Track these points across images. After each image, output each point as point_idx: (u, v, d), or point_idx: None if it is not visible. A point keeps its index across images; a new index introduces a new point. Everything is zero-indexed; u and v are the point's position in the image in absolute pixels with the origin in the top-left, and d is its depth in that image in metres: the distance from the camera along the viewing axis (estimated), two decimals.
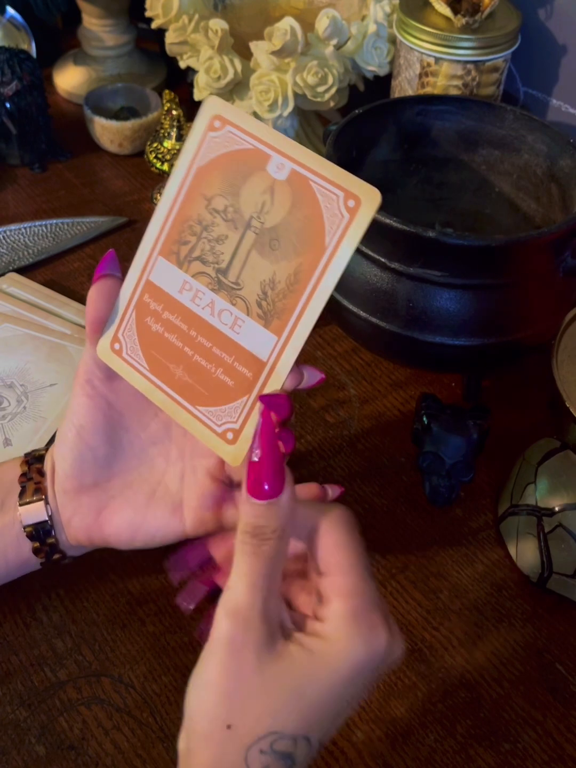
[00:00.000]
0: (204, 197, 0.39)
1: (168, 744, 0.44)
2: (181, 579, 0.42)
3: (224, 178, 0.39)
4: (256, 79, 0.72)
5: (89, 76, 0.95)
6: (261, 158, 0.38)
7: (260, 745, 0.32)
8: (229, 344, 0.40)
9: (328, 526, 0.35)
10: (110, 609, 0.50)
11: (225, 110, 0.38)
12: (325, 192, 0.36)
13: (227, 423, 0.40)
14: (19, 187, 0.83)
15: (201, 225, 0.40)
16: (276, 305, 0.38)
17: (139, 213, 0.80)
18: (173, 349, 0.41)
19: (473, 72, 0.69)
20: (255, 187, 0.38)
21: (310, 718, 0.33)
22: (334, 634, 0.33)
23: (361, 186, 0.35)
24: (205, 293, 0.40)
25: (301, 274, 0.37)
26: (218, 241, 0.39)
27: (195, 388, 0.41)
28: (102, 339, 0.43)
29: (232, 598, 0.33)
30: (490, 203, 0.68)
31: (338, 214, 0.36)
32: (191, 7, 0.75)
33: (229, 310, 0.40)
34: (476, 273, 0.53)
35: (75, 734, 0.44)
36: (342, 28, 0.71)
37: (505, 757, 0.45)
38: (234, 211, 0.38)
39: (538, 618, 0.51)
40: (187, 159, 0.40)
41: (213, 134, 0.39)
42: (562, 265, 0.56)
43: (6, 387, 0.61)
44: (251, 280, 0.39)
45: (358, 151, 0.65)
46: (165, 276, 0.41)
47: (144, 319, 0.42)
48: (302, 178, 0.37)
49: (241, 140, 0.38)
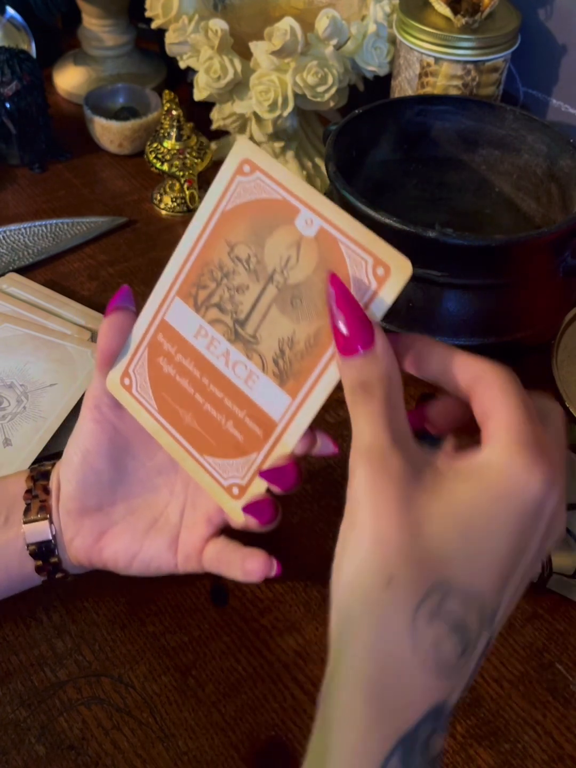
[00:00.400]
0: (227, 243, 0.38)
1: (168, 744, 0.44)
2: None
3: (250, 227, 0.37)
4: (255, 79, 0.72)
5: (89, 76, 0.95)
6: (290, 211, 0.36)
7: (428, 605, 0.28)
8: (242, 398, 0.39)
9: (492, 374, 0.32)
10: (110, 609, 0.50)
11: (256, 155, 0.37)
12: (353, 255, 0.34)
13: (234, 478, 0.39)
14: (19, 187, 0.83)
15: (222, 271, 0.38)
16: (293, 365, 0.37)
17: (139, 213, 0.80)
18: (184, 394, 0.41)
19: (473, 72, 0.69)
20: (281, 240, 0.36)
21: (480, 569, 0.28)
22: (495, 459, 0.29)
23: (392, 254, 0.33)
24: (221, 342, 0.39)
25: (321, 338, 0.36)
26: (238, 290, 0.38)
27: (203, 437, 0.40)
28: (112, 371, 0.42)
29: (360, 444, 0.31)
30: (490, 203, 0.68)
31: (365, 280, 0.34)
32: (191, 7, 0.75)
33: (245, 363, 0.38)
34: (476, 273, 0.53)
35: (75, 734, 0.44)
36: (342, 28, 0.71)
37: (505, 756, 0.45)
38: (257, 261, 0.37)
39: (538, 618, 0.51)
40: (213, 201, 0.38)
41: (242, 179, 0.37)
42: (562, 265, 0.56)
43: (6, 387, 0.61)
44: (269, 335, 0.37)
45: (358, 151, 0.65)
46: (181, 318, 0.40)
47: (156, 358, 0.41)
48: (331, 237, 0.35)
49: (271, 189, 0.36)
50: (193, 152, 0.78)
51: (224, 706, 0.46)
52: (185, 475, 0.46)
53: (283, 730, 0.45)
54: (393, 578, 0.28)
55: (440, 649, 0.28)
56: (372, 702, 0.28)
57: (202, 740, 0.45)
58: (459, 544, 0.28)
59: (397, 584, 0.28)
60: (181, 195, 0.80)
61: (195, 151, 0.78)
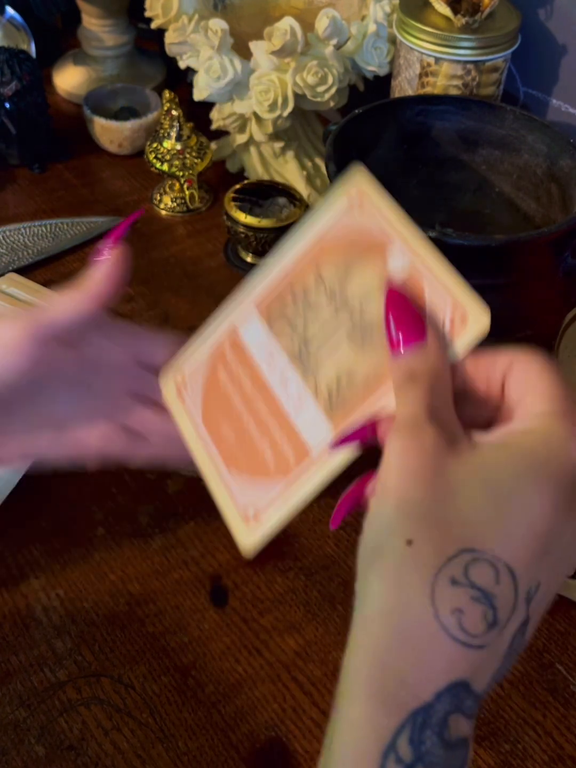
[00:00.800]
0: (317, 267, 0.38)
1: (168, 744, 0.44)
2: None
3: (343, 254, 0.37)
4: (255, 79, 0.72)
5: (89, 76, 0.95)
6: (385, 244, 0.36)
7: (451, 570, 0.26)
8: (285, 420, 0.38)
9: (527, 356, 0.31)
10: (110, 609, 0.50)
11: (370, 187, 0.37)
12: (436, 298, 0.33)
13: (251, 500, 0.38)
14: (19, 188, 0.83)
15: (303, 291, 0.38)
16: (345, 397, 0.36)
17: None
18: (229, 405, 0.40)
19: (473, 72, 0.69)
20: (368, 272, 0.36)
21: (512, 537, 0.26)
22: (537, 426, 0.28)
23: (474, 304, 0.33)
24: (281, 356, 0.39)
25: (382, 378, 0.34)
26: (312, 308, 0.37)
27: (235, 450, 0.40)
28: (169, 370, 0.42)
29: (397, 420, 0.30)
30: (490, 203, 0.68)
31: (441, 324, 0.33)
32: (191, 7, 0.75)
33: (298, 383, 0.38)
34: (476, 273, 0.53)
35: (74, 734, 0.44)
36: (342, 28, 0.71)
37: (505, 757, 0.45)
38: (340, 288, 0.37)
39: None
40: (316, 227, 0.38)
41: (352, 208, 0.37)
42: (562, 264, 0.56)
43: None
44: (330, 362, 0.37)
45: (358, 151, 0.65)
46: (251, 329, 0.40)
47: (217, 364, 0.41)
48: (418, 276, 0.34)
49: (375, 220, 0.36)
50: (193, 152, 0.78)
51: (224, 707, 0.46)
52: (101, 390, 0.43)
53: (283, 730, 0.45)
54: (414, 540, 0.26)
55: (464, 617, 0.26)
56: (384, 669, 0.26)
57: (202, 740, 0.45)
58: (491, 511, 0.26)
59: (419, 546, 0.26)
60: (181, 195, 0.80)
61: (195, 151, 0.78)
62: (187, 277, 0.73)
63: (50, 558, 0.52)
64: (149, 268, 0.74)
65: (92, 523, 0.54)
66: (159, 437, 0.43)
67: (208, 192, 0.83)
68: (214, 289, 0.72)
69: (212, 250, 0.77)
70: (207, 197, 0.82)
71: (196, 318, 0.69)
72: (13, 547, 0.53)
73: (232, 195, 0.72)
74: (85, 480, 0.57)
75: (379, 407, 0.34)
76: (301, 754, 0.44)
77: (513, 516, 0.26)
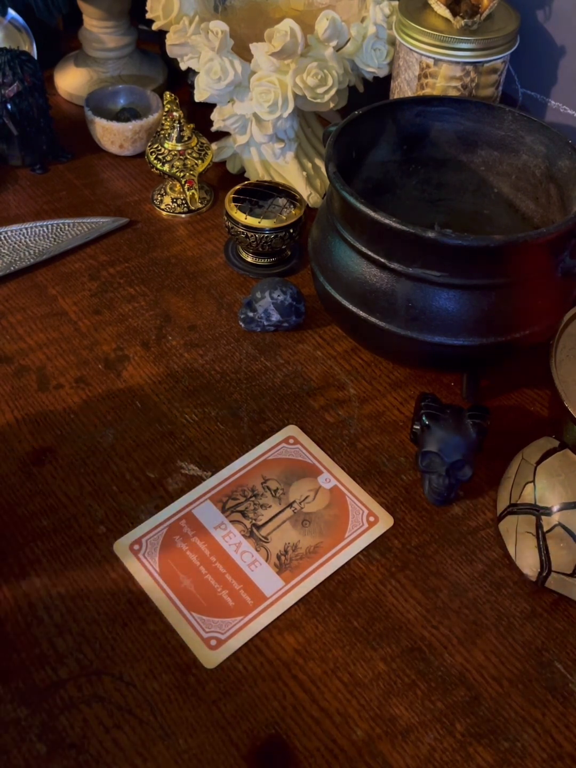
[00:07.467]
0: (263, 477, 0.56)
1: (168, 742, 0.45)
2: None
3: (283, 472, 0.56)
4: (256, 80, 0.73)
5: (90, 78, 0.95)
6: (316, 471, 0.57)
7: None
8: (242, 576, 0.51)
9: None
10: (111, 608, 0.50)
11: (300, 436, 0.59)
12: (355, 506, 0.55)
13: (215, 632, 0.48)
14: (21, 188, 0.83)
15: (252, 492, 0.55)
16: (292, 562, 0.52)
17: (140, 214, 0.81)
18: (189, 564, 0.51)
19: (472, 73, 0.70)
20: (305, 485, 0.56)
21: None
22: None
23: (381, 511, 0.55)
24: (236, 535, 0.53)
25: (320, 548, 0.52)
26: (262, 506, 0.54)
27: (197, 598, 0.50)
28: (123, 538, 0.52)
29: None
30: (489, 204, 0.69)
31: (360, 522, 0.54)
32: (191, 9, 0.75)
33: (252, 553, 0.52)
34: (475, 273, 0.53)
35: (76, 732, 0.45)
36: (341, 30, 0.72)
37: (505, 755, 0.45)
38: (282, 492, 0.55)
39: (537, 616, 0.51)
40: (260, 452, 0.58)
41: (286, 446, 0.58)
42: (561, 265, 0.56)
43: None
44: (278, 539, 0.53)
45: (357, 152, 0.65)
46: (207, 514, 0.54)
47: (173, 536, 0.53)
48: (341, 493, 0.56)
49: (306, 456, 0.58)
50: (194, 153, 0.79)
51: (224, 705, 0.46)
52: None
53: (283, 728, 0.45)
54: None
55: None
56: None
57: (202, 738, 0.45)
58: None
59: None
60: (182, 196, 0.80)
61: (195, 152, 0.79)
62: (188, 277, 0.74)
63: (51, 556, 0.52)
64: (150, 268, 0.75)
65: (93, 522, 0.54)
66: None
67: (209, 193, 0.83)
68: (215, 289, 0.72)
69: (212, 251, 0.77)
70: (207, 198, 0.82)
71: (196, 318, 0.69)
72: (14, 545, 0.53)
73: (233, 196, 0.72)
74: (86, 478, 0.57)
75: (319, 573, 0.51)
76: (301, 752, 0.45)
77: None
